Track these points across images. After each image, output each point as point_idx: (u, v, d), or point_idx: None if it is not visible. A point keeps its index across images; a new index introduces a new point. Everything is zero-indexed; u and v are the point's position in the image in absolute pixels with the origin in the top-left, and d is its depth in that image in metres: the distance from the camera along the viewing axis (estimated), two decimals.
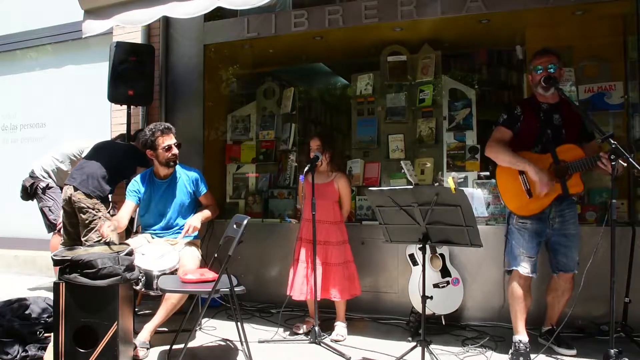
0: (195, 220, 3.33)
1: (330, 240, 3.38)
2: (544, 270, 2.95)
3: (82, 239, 3.71)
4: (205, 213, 3.46)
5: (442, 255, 3.43)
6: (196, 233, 3.46)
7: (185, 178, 3.49)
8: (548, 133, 2.82)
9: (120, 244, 3.08)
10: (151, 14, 3.48)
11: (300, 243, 3.45)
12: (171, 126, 3.42)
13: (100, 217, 3.71)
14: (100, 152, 3.98)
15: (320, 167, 3.41)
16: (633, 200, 3.66)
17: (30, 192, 4.40)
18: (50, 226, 4.40)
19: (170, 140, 3.36)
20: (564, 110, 2.85)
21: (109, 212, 3.84)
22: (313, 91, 5.80)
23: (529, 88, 3.40)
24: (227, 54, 4.94)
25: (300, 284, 3.34)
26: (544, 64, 2.81)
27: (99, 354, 2.45)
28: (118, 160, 3.92)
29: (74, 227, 3.84)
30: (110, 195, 4.02)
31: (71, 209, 3.77)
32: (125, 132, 4.43)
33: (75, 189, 3.70)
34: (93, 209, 3.70)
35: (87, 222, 3.70)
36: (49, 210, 4.35)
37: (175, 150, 3.37)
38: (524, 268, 2.80)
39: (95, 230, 3.69)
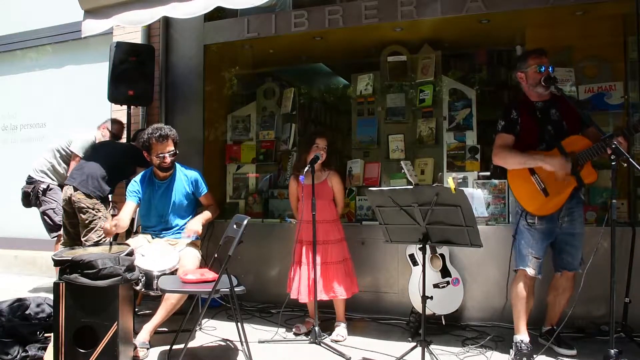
0: (197, 224, 3.33)
1: (329, 239, 3.38)
2: (545, 269, 2.95)
3: (82, 239, 3.72)
4: (206, 215, 3.46)
5: (442, 255, 3.43)
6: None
7: (185, 179, 3.48)
8: (549, 129, 2.81)
9: (120, 244, 3.08)
10: (151, 14, 3.48)
11: (299, 245, 3.44)
12: (169, 133, 3.30)
13: (100, 217, 3.72)
14: (100, 152, 3.98)
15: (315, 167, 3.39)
16: (633, 200, 3.66)
17: (31, 197, 4.33)
18: (54, 228, 4.32)
19: (165, 148, 3.29)
20: (560, 104, 2.85)
21: (109, 212, 3.84)
22: (313, 91, 5.80)
23: None
24: (227, 54, 4.94)
25: (304, 286, 3.34)
26: (546, 63, 2.80)
27: (99, 354, 2.45)
28: (118, 160, 3.92)
29: (74, 227, 3.84)
30: (110, 195, 4.01)
31: (71, 209, 3.77)
32: (126, 132, 4.43)
33: (75, 189, 3.70)
34: (93, 209, 3.70)
35: (87, 222, 3.70)
36: (54, 212, 4.26)
37: (167, 160, 3.31)
38: (531, 269, 2.80)
39: (96, 230, 3.69)
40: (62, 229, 4.16)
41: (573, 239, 2.84)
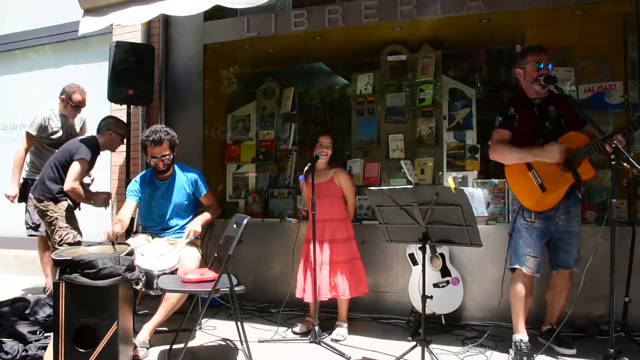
0: (196, 225, 3.34)
1: (335, 238, 3.37)
2: (543, 269, 2.95)
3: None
4: (205, 216, 3.46)
5: (442, 255, 3.43)
6: None
7: (185, 179, 3.49)
8: (546, 125, 2.82)
9: (120, 244, 3.08)
10: (149, 12, 3.47)
11: (306, 244, 3.44)
12: (164, 137, 3.28)
13: (56, 218, 3.64)
14: (58, 151, 3.88)
15: (318, 166, 3.38)
16: (633, 200, 3.66)
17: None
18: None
19: (159, 152, 3.29)
20: (558, 101, 2.85)
21: (67, 210, 3.71)
22: (313, 91, 5.80)
23: None
24: (227, 53, 4.94)
25: (310, 285, 3.32)
26: (545, 61, 2.80)
27: (99, 354, 2.45)
28: (68, 156, 3.69)
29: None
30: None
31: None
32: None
33: (33, 197, 3.73)
34: (47, 211, 3.65)
35: (48, 224, 3.69)
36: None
37: (160, 164, 3.32)
38: (529, 268, 2.80)
39: (56, 231, 3.62)
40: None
41: (569, 236, 2.84)
